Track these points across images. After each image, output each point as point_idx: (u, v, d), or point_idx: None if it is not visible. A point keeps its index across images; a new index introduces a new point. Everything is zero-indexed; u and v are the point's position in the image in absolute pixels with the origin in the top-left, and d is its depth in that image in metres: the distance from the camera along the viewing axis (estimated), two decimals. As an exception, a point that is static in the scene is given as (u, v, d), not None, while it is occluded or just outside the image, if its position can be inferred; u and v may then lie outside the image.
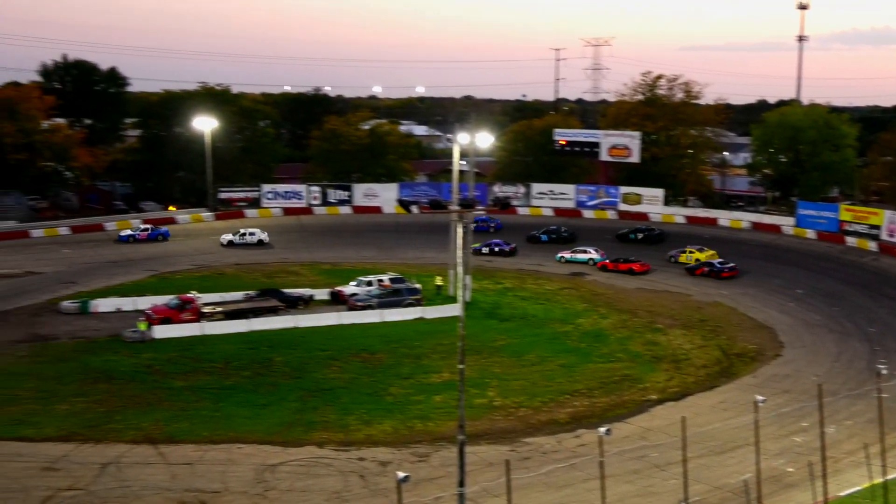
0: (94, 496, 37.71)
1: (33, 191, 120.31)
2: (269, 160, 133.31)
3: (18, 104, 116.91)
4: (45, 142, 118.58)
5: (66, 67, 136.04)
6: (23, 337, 61.75)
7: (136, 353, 58.01)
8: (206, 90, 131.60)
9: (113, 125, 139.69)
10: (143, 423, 46.06)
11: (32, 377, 53.19)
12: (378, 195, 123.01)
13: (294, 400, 50.26)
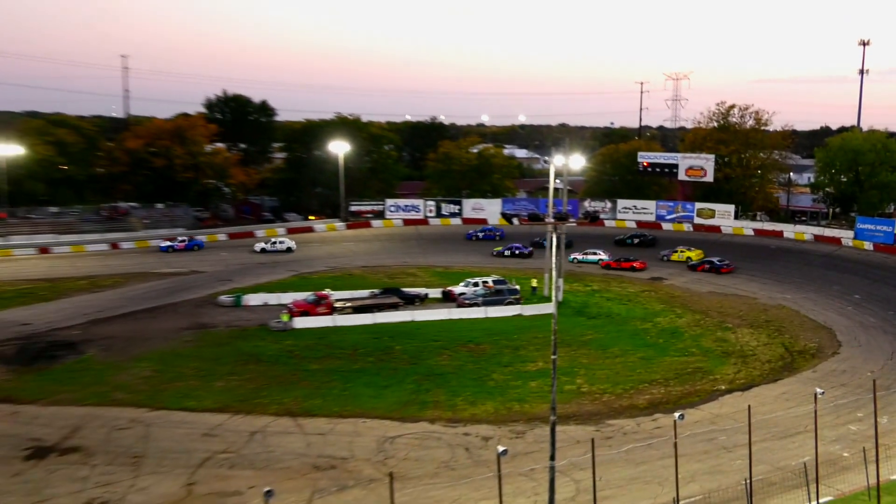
0: (243, 459, 39.35)
1: (198, 203, 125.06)
2: (392, 178, 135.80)
3: (187, 132, 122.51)
4: (207, 163, 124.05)
5: (226, 101, 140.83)
6: (188, 325, 64.02)
7: (279, 340, 59.79)
8: (341, 119, 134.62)
9: (263, 149, 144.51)
10: (285, 399, 47.57)
11: (195, 358, 55.28)
12: (484, 209, 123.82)
13: (411, 383, 51.13)
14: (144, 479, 36.86)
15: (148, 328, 62.94)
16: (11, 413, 45.04)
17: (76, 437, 41.69)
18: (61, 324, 63.77)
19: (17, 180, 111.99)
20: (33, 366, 53.60)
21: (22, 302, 71.82)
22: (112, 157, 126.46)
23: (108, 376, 51.48)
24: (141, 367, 53.22)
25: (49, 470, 37.73)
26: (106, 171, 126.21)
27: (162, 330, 62.45)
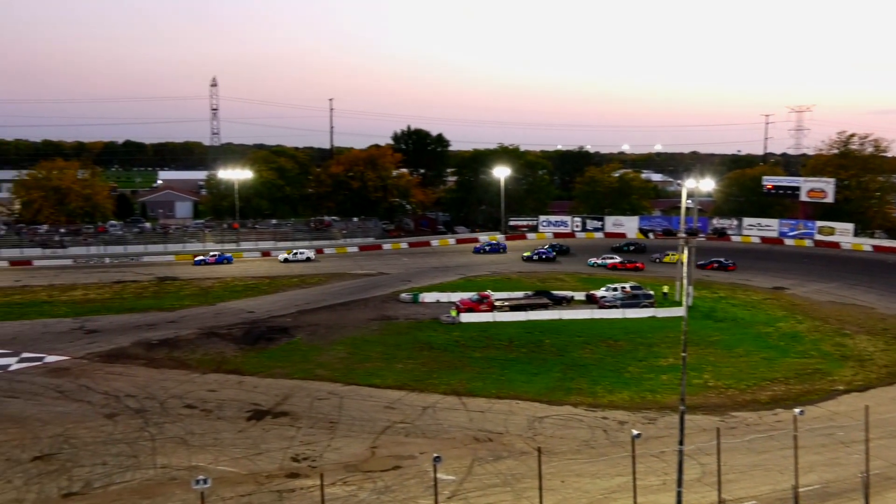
0: (417, 428, 39.80)
1: (385, 217, 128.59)
2: (545, 198, 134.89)
3: (378, 159, 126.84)
4: (394, 185, 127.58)
5: (409, 134, 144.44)
6: (375, 316, 65.35)
7: (448, 332, 60.14)
8: (503, 149, 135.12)
9: (438, 173, 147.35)
10: (452, 381, 47.81)
11: (380, 344, 56.38)
12: (623, 224, 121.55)
13: (557, 371, 50.37)
14: (338, 440, 37.85)
15: (344, 318, 64.82)
16: (238, 382, 47.42)
17: (286, 403, 43.38)
18: (277, 312, 66.70)
19: (247, 198, 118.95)
20: (256, 345, 56.26)
21: (248, 294, 75.84)
22: (319, 179, 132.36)
23: (312, 356, 53.34)
24: (337, 350, 54.81)
25: (265, 429, 39.38)
26: (314, 191, 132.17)
27: (355, 320, 64.15)
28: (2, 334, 58.43)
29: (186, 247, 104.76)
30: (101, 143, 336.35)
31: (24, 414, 41.03)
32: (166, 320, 63.71)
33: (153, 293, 76.35)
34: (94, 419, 40.35)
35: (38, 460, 35.01)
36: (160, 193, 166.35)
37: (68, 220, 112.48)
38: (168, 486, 32.27)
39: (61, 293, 75.72)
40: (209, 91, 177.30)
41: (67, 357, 52.12)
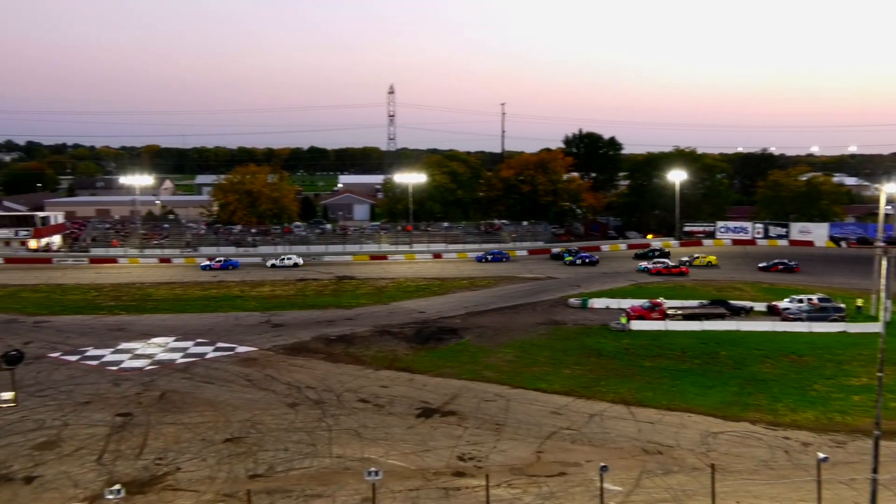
0: (583, 436, 39.19)
1: (555, 221, 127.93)
2: (723, 203, 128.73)
3: (549, 163, 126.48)
4: (564, 189, 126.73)
5: (581, 138, 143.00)
6: (543, 321, 65.13)
7: (617, 339, 58.87)
8: (678, 152, 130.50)
9: (610, 177, 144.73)
10: (620, 389, 46.68)
11: (548, 348, 56.07)
12: (811, 232, 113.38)
13: (734, 385, 47.79)
14: (504, 442, 38.05)
15: (511, 321, 65.12)
16: (409, 380, 48.93)
17: (454, 403, 44.22)
18: (447, 313, 68.19)
19: (421, 201, 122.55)
20: (426, 345, 57.79)
21: (420, 294, 78.13)
22: (490, 183, 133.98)
23: (479, 357, 54.02)
24: (505, 353, 55.14)
25: (433, 427, 40.36)
26: (485, 194, 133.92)
27: (522, 323, 64.28)
28: (200, 325, 63.87)
29: (363, 248, 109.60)
30: (289, 150, 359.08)
31: (217, 399, 44.61)
32: (344, 317, 66.97)
33: (332, 291, 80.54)
34: (278, 407, 43.13)
35: (229, 442, 37.92)
36: (340, 196, 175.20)
37: (258, 221, 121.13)
38: (342, 476, 33.87)
39: (251, 289, 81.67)
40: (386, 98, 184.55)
41: (256, 348, 56.10)
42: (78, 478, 33.68)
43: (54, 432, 39.10)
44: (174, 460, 35.61)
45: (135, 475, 33.85)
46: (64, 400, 44.14)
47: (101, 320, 66.40)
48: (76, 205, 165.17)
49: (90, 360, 53.10)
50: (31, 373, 48.60)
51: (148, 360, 52.87)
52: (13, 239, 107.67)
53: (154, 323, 65.06)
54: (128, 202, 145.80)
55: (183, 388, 46.56)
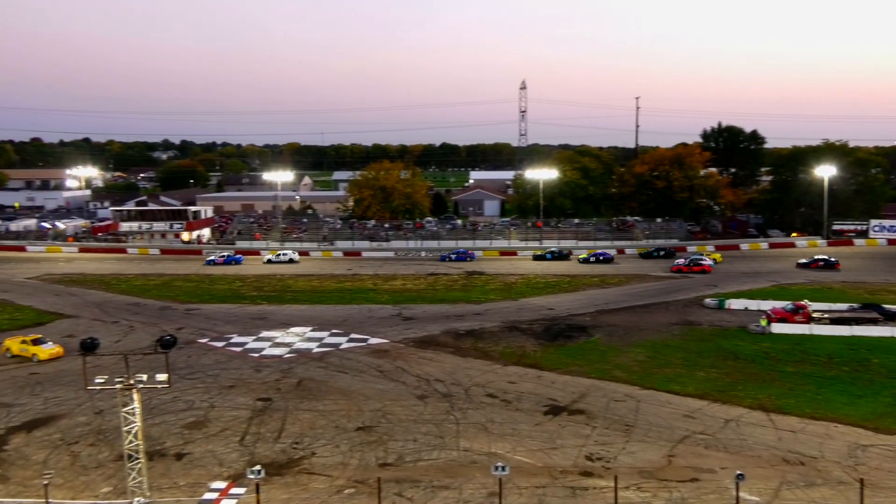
0: (717, 441, 37.71)
1: (691, 219, 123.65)
2: (878, 200, 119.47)
3: (685, 158, 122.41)
4: (701, 185, 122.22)
5: (720, 131, 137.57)
6: (677, 321, 63.23)
7: (756, 342, 56.25)
8: (828, 145, 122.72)
9: (751, 173, 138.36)
10: (759, 395, 44.54)
11: (681, 350, 54.33)
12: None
13: (887, 395, 44.41)
14: (633, 444, 37.21)
15: (643, 320, 63.53)
16: (537, 376, 48.74)
17: (582, 401, 43.66)
18: (577, 311, 67.38)
19: (551, 197, 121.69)
20: (554, 342, 57.35)
21: (549, 291, 77.63)
22: (622, 179, 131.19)
23: (609, 356, 53.06)
24: (636, 352, 53.87)
25: (560, 424, 40.02)
26: (617, 191, 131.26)
27: (654, 323, 62.59)
28: (335, 316, 66.24)
29: (493, 243, 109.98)
30: (421, 146, 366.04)
31: (350, 388, 46.14)
32: (473, 312, 67.55)
33: (462, 286, 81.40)
34: (408, 399, 44.10)
35: (361, 430, 39.15)
36: (471, 192, 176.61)
37: (391, 216, 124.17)
38: (469, 469, 34.22)
39: (384, 282, 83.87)
40: (518, 94, 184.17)
41: (387, 340, 57.57)
42: (222, 457, 35.79)
43: (202, 413, 41.72)
44: (309, 445, 37.16)
45: (273, 457, 35.59)
46: (211, 383, 47.00)
47: (244, 309, 70.17)
48: (224, 200, 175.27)
49: (234, 346, 56.26)
50: (182, 357, 52.06)
51: (287, 349, 55.41)
52: (168, 231, 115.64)
53: (292, 313, 68.06)
54: (270, 197, 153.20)
55: (318, 377, 48.48)
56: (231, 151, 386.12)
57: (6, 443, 37.75)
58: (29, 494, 31.65)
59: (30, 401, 43.83)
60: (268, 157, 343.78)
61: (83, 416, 41.15)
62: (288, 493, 31.89)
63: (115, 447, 35.59)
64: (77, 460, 35.49)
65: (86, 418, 40.88)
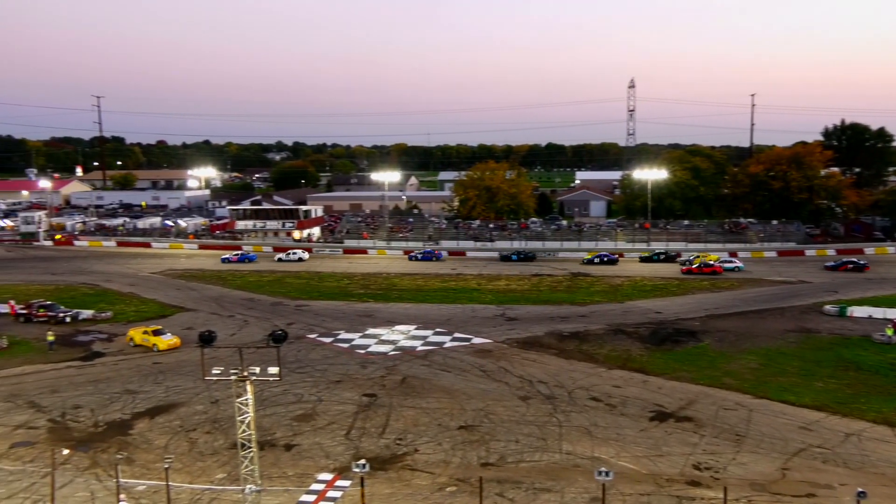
0: (836, 456, 35.81)
1: (809, 221, 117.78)
2: None
3: (804, 158, 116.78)
4: (821, 185, 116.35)
5: (843, 129, 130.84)
6: (793, 328, 60.47)
7: (882, 352, 52.95)
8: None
9: (877, 172, 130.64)
10: (883, 409, 41.97)
11: (797, 358, 51.96)
12: None
13: None
14: (744, 455, 35.81)
15: (756, 326, 60.99)
16: (642, 381, 47.64)
17: (690, 409, 42.36)
18: (685, 315, 65.42)
19: (660, 198, 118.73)
20: (662, 346, 55.90)
21: (657, 294, 75.70)
22: (736, 180, 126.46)
23: (719, 363, 51.23)
24: (748, 359, 51.80)
25: (667, 431, 38.97)
26: (730, 191, 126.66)
27: (768, 329, 59.99)
28: (439, 315, 66.86)
29: (598, 244, 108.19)
30: (527, 147, 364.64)
31: (453, 387, 46.47)
32: (577, 314, 66.70)
33: (566, 287, 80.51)
34: (510, 399, 44.01)
35: (463, 429, 39.37)
36: (577, 193, 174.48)
37: (496, 216, 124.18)
38: (571, 472, 33.82)
39: (488, 282, 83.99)
40: (626, 93, 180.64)
41: (490, 340, 57.64)
42: (329, 449, 36.79)
43: (310, 406, 43.02)
44: (413, 442, 37.67)
45: (378, 452, 36.29)
46: (319, 378, 48.40)
47: (351, 306, 71.84)
48: (333, 199, 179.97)
49: (342, 342, 57.70)
50: (292, 351, 53.84)
51: (391, 346, 56.37)
52: (280, 230, 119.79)
53: (398, 311, 69.16)
54: (377, 197, 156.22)
55: (422, 375, 49.07)
56: (340, 152, 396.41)
57: (132, 427, 40.13)
58: (151, 476, 33.54)
59: (153, 388, 46.42)
60: (376, 157, 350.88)
61: (200, 405, 43.23)
62: (391, 488, 32.45)
63: (229, 436, 37.21)
64: (194, 447, 37.32)
65: (203, 407, 42.92)
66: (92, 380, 48.55)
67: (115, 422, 40.95)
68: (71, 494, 31.68)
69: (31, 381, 48.45)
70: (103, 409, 42.75)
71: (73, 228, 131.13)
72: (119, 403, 43.76)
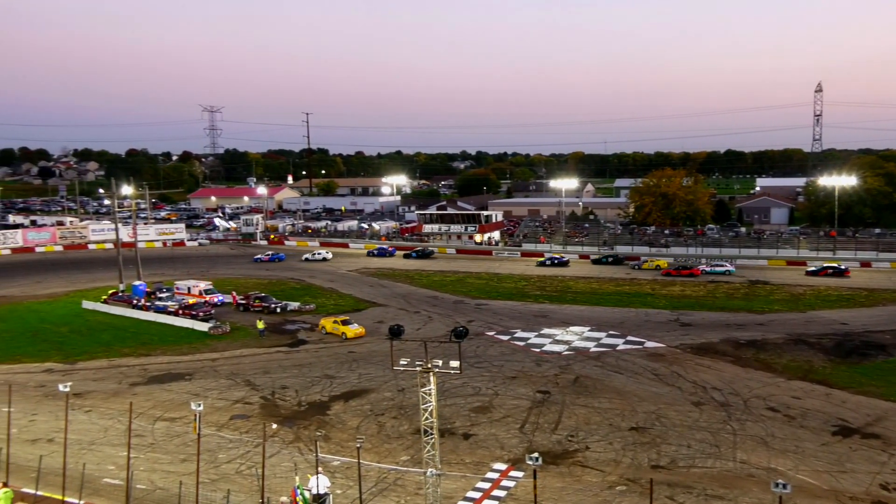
0: None
1: None
2: None
3: None
4: None
5: None
6: None
7: None
8: None
9: None
10: None
11: None
12: None
13: None
14: (940, 479, 31.99)
15: (958, 343, 54.30)
16: (825, 394, 43.89)
17: (878, 425, 38.48)
18: (874, 327, 59.47)
19: (848, 205, 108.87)
20: (847, 359, 51.17)
21: (843, 305, 69.46)
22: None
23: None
24: (947, 377, 46.21)
25: (851, 447, 35.65)
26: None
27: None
28: (613, 318, 65.35)
29: (779, 252, 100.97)
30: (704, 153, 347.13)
31: (625, 388, 45.24)
32: (755, 322, 62.66)
33: (744, 295, 75.87)
34: (682, 404, 42.16)
35: (634, 430, 38.22)
36: (757, 199, 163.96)
37: (672, 222, 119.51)
38: (745, 482, 31.84)
39: (662, 287, 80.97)
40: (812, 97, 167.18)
41: (663, 345, 55.52)
42: (504, 441, 37.10)
43: (487, 399, 43.59)
44: (584, 439, 37.11)
45: (549, 447, 36.09)
46: (496, 373, 48.91)
47: (527, 307, 71.94)
48: (512, 205, 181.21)
49: (518, 340, 57.95)
50: (472, 347, 54.82)
51: (565, 346, 55.85)
52: (463, 233, 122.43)
53: (572, 313, 68.39)
54: (554, 203, 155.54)
55: (594, 375, 48.20)
56: (520, 161, 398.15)
57: (329, 408, 42.65)
58: (344, 454, 35.46)
59: (347, 375, 49.08)
60: (553, 165, 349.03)
61: (388, 392, 45.13)
62: (562, 483, 32.16)
63: (413, 422, 38.56)
64: (382, 430, 39.02)
65: (390, 394, 44.78)
66: (297, 364, 52.13)
67: (316, 402, 43.68)
68: (278, 464, 34.18)
69: (248, 363, 52.84)
70: (305, 391, 45.76)
71: (284, 230, 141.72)
72: (319, 386, 46.65)
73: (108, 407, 43.31)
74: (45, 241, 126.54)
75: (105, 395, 45.57)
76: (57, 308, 74.04)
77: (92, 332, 63.61)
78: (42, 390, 46.76)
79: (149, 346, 58.25)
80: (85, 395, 45.17)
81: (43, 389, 46.89)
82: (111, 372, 51.24)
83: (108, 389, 46.91)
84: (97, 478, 32.43)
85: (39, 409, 42.93)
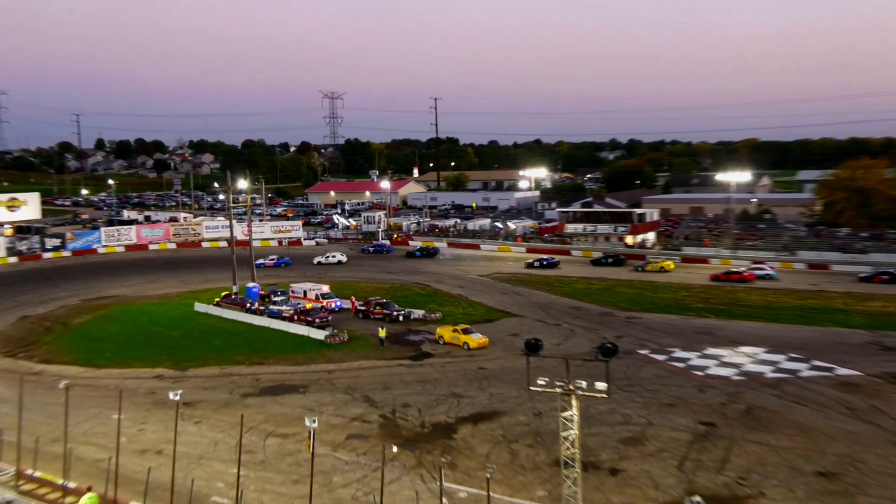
0: None
1: None
2: None
3: None
4: None
5: None
6: None
7: None
8: None
9: None
10: None
11: None
12: None
13: None
14: None
15: None
16: None
17: None
18: None
19: None
20: None
21: None
22: None
23: None
24: None
25: None
26: None
27: None
28: (794, 338, 61.86)
29: None
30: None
31: (811, 424, 42.54)
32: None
33: (965, 314, 69.73)
34: (885, 446, 39.12)
35: (821, 476, 35.78)
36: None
37: (871, 223, 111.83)
38: (969, 548, 29.02)
39: (857, 302, 75.92)
40: None
41: (860, 373, 51.85)
42: (658, 479, 35.78)
43: (639, 429, 42.27)
44: (758, 483, 35.15)
45: (714, 490, 34.44)
46: (649, 398, 47.40)
47: (688, 321, 69.47)
48: (670, 202, 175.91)
49: (676, 361, 55.99)
50: (621, 367, 53.42)
51: (735, 370, 53.37)
52: (612, 234, 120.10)
53: (742, 330, 65.37)
54: (722, 200, 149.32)
55: (771, 406, 45.67)
56: (680, 150, 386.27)
57: (455, 431, 42.82)
58: (472, 484, 35.40)
59: (477, 394, 49.12)
60: (721, 155, 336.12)
61: (523, 416, 44.73)
62: (730, 534, 30.57)
63: (551, 451, 37.94)
64: (515, 459, 38.69)
65: (525, 418, 44.37)
66: (420, 379, 52.78)
67: (440, 424, 43.97)
68: (398, 491, 34.62)
69: (367, 376, 54.09)
70: (430, 410, 46.18)
71: (408, 228, 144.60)
72: (444, 406, 46.96)
73: (219, 419, 45.55)
74: (159, 238, 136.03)
75: (215, 406, 47.99)
76: (169, 310, 79.05)
77: (204, 336, 67.38)
78: (152, 398, 49.92)
79: (262, 353, 60.91)
80: (195, 405, 47.76)
81: (153, 397, 50.05)
82: (222, 381, 53.97)
83: (218, 399, 49.39)
84: (206, 495, 34.09)
85: (149, 418, 45.82)
